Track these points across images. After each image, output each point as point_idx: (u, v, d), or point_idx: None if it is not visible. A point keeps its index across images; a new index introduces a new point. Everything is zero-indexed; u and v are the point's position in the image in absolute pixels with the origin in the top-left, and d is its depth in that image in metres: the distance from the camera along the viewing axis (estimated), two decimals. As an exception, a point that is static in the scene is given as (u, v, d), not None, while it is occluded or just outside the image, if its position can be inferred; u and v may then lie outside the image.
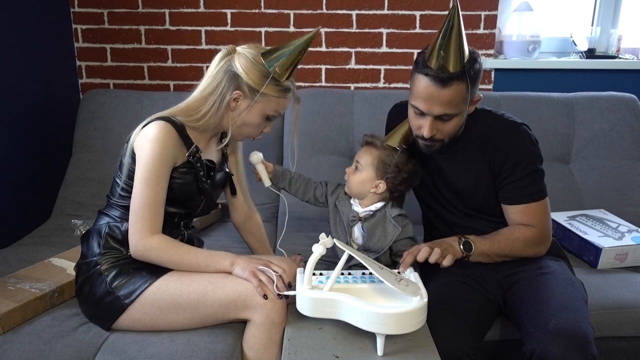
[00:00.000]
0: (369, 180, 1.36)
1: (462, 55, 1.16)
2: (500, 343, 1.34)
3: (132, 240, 1.19)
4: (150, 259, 1.20)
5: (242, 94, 1.25)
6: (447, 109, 1.19)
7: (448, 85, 1.16)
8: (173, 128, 1.21)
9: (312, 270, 1.13)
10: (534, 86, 2.12)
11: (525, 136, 1.31)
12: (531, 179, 1.30)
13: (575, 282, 1.30)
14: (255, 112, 1.27)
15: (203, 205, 1.33)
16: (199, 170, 1.27)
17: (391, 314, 1.03)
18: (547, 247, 1.35)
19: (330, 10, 2.12)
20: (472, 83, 1.19)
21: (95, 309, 1.22)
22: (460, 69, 1.15)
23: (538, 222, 1.32)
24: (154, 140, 1.18)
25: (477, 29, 2.15)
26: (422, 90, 1.19)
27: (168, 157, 1.20)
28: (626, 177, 1.94)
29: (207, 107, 1.25)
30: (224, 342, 1.18)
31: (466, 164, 1.34)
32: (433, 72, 1.16)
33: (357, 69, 2.19)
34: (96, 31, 2.14)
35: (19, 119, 1.80)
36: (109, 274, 1.20)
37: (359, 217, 1.38)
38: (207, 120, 1.26)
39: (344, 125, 1.98)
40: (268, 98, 1.26)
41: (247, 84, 1.24)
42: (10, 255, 1.57)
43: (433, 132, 1.23)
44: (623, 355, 1.39)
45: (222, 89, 1.25)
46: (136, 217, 1.18)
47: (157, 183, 1.19)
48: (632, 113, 2.00)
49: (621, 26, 2.29)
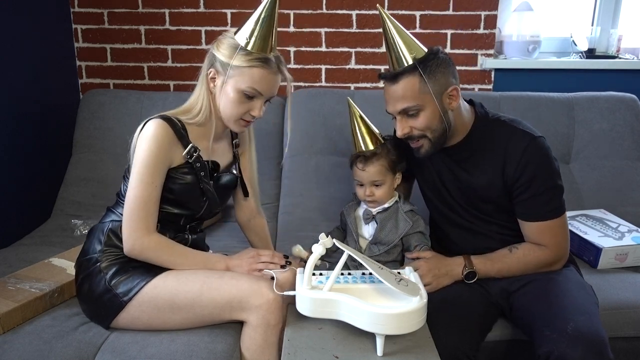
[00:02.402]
0: (392, 183, 1.39)
1: (405, 52, 1.23)
2: (501, 344, 1.34)
3: (127, 239, 1.19)
4: (146, 258, 1.20)
5: (216, 71, 1.24)
6: (404, 102, 1.23)
7: (396, 80, 1.23)
8: (169, 126, 1.21)
9: (311, 270, 1.13)
10: (534, 86, 2.12)
11: (542, 150, 1.27)
12: (549, 196, 1.27)
13: (586, 286, 1.30)
14: (230, 88, 1.22)
15: (206, 207, 1.32)
16: (199, 170, 1.26)
17: (391, 314, 1.03)
18: (562, 264, 1.33)
19: (330, 10, 2.12)
20: (430, 75, 1.22)
21: (95, 306, 1.22)
22: (407, 65, 1.22)
23: (554, 241, 1.29)
24: (149, 138, 1.18)
25: (477, 29, 2.14)
26: (384, 93, 1.28)
27: (163, 155, 1.20)
28: (626, 177, 1.94)
29: (198, 98, 1.26)
30: (224, 342, 1.18)
31: (479, 169, 1.32)
32: (384, 74, 1.27)
33: (357, 69, 2.19)
34: (96, 31, 2.14)
35: (19, 119, 1.80)
36: (108, 271, 1.20)
37: (372, 216, 1.39)
38: (203, 113, 1.25)
39: (344, 125, 1.97)
40: (240, 70, 1.21)
41: (219, 60, 1.22)
42: (10, 255, 1.57)
43: (405, 130, 1.26)
44: (623, 355, 1.39)
45: (203, 74, 1.26)
46: (131, 215, 1.18)
47: (151, 181, 1.18)
48: (632, 113, 2.00)
49: (621, 26, 2.29)
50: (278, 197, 1.96)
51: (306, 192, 1.90)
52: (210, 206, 1.32)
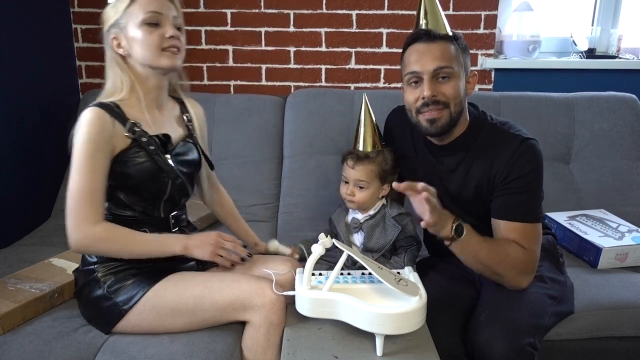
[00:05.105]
0: (376, 191, 1.36)
1: (444, 23, 1.25)
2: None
3: (72, 234, 1.13)
4: (97, 250, 1.17)
5: (114, 34, 1.21)
6: (441, 61, 1.20)
7: (436, 40, 1.22)
8: (103, 110, 1.16)
9: (311, 270, 1.13)
10: (534, 86, 2.12)
11: (532, 152, 1.23)
12: (528, 198, 1.23)
13: (545, 299, 1.25)
14: (133, 31, 1.19)
15: (171, 184, 1.25)
16: (147, 145, 1.21)
17: (390, 314, 1.03)
18: (528, 282, 1.23)
19: (330, 10, 2.12)
20: (462, 50, 1.24)
21: (95, 313, 1.22)
22: (445, 33, 1.23)
23: (529, 247, 1.21)
24: (83, 127, 1.14)
25: (477, 29, 2.15)
26: (413, 53, 1.24)
27: (103, 142, 1.15)
28: (626, 177, 1.94)
29: (115, 75, 1.23)
30: (224, 342, 1.18)
31: (468, 175, 1.29)
32: (420, 32, 1.24)
33: (357, 69, 2.19)
34: (96, 31, 2.10)
35: (19, 119, 1.80)
36: (106, 281, 1.19)
37: (360, 224, 1.38)
38: (126, 85, 1.22)
39: (344, 125, 1.98)
40: (128, 12, 1.18)
41: (109, 25, 1.20)
42: (10, 255, 1.57)
43: (433, 92, 1.20)
44: (623, 355, 1.39)
45: (108, 56, 1.23)
46: (74, 208, 1.12)
47: (92, 170, 1.13)
48: (632, 113, 2.00)
49: (621, 26, 2.29)
50: (278, 197, 1.96)
51: (306, 192, 1.91)
52: (175, 183, 1.26)
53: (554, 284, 1.29)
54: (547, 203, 1.27)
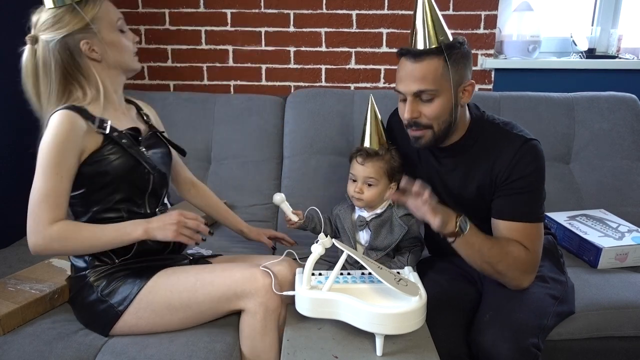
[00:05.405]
0: (384, 189, 1.37)
1: (435, 33, 1.20)
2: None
3: (29, 236, 1.10)
4: (55, 250, 1.15)
5: (86, 39, 1.19)
6: (422, 84, 1.18)
7: (420, 59, 1.18)
8: (72, 112, 1.15)
9: (311, 270, 1.13)
10: (534, 86, 2.12)
11: (534, 153, 1.22)
12: (530, 198, 1.22)
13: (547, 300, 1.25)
14: (109, 35, 1.21)
15: (154, 176, 1.25)
16: (120, 139, 1.20)
17: (390, 314, 1.03)
18: (530, 282, 1.23)
19: (330, 10, 2.12)
20: (453, 63, 1.19)
21: (91, 318, 1.22)
22: (433, 46, 1.18)
23: (531, 247, 1.21)
24: (51, 129, 1.13)
25: (477, 29, 2.14)
26: (401, 69, 1.23)
27: (71, 143, 1.13)
28: (626, 177, 1.94)
29: (78, 79, 1.21)
30: (223, 342, 1.18)
31: (469, 176, 1.29)
32: (407, 49, 1.21)
33: (357, 69, 2.19)
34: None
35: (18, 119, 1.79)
36: (99, 285, 1.19)
37: (366, 222, 1.38)
38: (94, 88, 1.21)
39: (344, 125, 1.98)
40: (99, 15, 1.19)
41: (75, 29, 1.17)
42: (10, 256, 1.57)
43: (414, 114, 1.21)
44: (623, 355, 1.39)
45: (63, 64, 1.19)
46: (33, 210, 1.10)
47: (56, 172, 1.11)
48: (632, 113, 2.00)
49: (621, 26, 2.29)
50: (278, 197, 1.96)
51: (306, 192, 1.90)
52: (155, 175, 1.26)
53: (556, 284, 1.29)
54: (547, 203, 1.27)
